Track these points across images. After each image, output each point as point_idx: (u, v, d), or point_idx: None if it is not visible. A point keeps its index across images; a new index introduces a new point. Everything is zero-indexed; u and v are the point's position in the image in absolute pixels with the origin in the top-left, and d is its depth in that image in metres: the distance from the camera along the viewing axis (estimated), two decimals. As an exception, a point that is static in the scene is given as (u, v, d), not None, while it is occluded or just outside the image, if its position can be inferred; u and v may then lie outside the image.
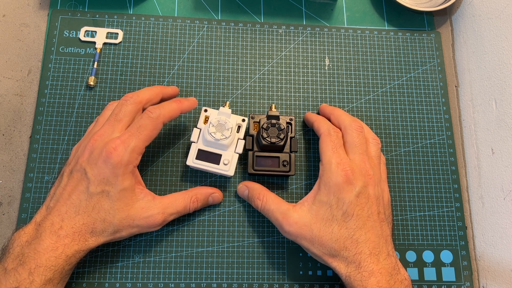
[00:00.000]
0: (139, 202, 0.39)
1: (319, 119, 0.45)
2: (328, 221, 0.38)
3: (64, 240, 0.35)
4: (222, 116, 0.43)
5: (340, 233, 0.37)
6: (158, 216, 0.39)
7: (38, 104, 0.47)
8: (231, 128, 0.42)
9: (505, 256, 0.44)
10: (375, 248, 0.37)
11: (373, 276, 0.36)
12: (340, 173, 0.38)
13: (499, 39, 0.47)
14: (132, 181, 0.38)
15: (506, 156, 0.45)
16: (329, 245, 0.37)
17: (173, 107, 0.41)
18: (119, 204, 0.37)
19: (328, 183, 0.38)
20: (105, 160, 0.36)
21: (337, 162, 0.39)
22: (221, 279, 0.43)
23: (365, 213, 0.38)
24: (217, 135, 0.42)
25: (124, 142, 0.37)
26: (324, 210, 0.38)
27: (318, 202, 0.39)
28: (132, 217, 0.38)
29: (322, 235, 0.38)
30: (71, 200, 0.37)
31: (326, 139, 0.41)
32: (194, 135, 0.43)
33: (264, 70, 0.51)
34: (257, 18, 0.53)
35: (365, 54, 0.52)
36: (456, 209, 0.48)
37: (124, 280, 0.42)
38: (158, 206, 0.40)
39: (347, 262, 0.37)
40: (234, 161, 0.43)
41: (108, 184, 0.37)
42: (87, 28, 0.50)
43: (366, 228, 0.37)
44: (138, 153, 0.38)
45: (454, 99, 0.53)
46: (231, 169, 0.43)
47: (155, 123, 0.39)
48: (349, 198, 0.38)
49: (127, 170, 0.37)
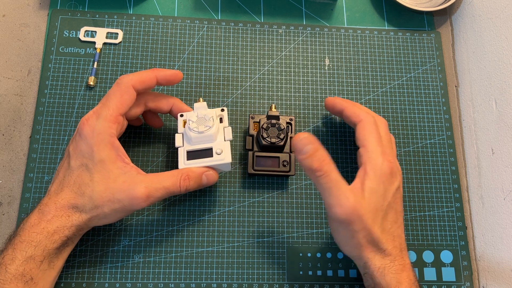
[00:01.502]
0: (122, 176, 0.37)
1: (352, 105, 0.43)
2: (377, 211, 0.37)
3: (46, 216, 0.36)
4: (199, 110, 0.41)
5: (383, 224, 0.37)
6: (141, 189, 0.36)
7: (38, 104, 0.47)
8: (212, 118, 0.40)
9: (505, 256, 0.44)
10: (403, 244, 0.38)
11: (405, 271, 0.37)
12: (386, 163, 0.38)
13: (499, 39, 0.47)
14: (110, 153, 0.37)
15: (506, 156, 0.45)
16: (375, 235, 0.36)
17: (145, 73, 0.40)
18: (97, 176, 0.36)
19: (377, 170, 0.38)
20: (80, 133, 0.37)
21: (383, 152, 0.39)
22: (221, 279, 0.43)
23: (399, 208, 0.39)
24: (200, 128, 0.40)
25: (95, 113, 0.38)
26: (376, 199, 0.37)
27: (369, 189, 0.37)
28: (112, 190, 0.36)
29: (373, 224, 0.36)
30: (58, 178, 0.38)
31: (370, 127, 0.40)
32: (178, 141, 0.41)
33: (264, 70, 0.51)
34: (257, 18, 0.53)
35: (365, 54, 0.52)
36: (456, 209, 0.48)
37: (124, 280, 0.42)
38: (142, 180, 0.37)
39: (384, 254, 0.37)
40: (227, 148, 0.40)
41: (85, 157, 0.37)
42: (87, 28, 0.50)
43: (398, 223, 0.38)
44: (111, 121, 0.37)
45: (454, 99, 0.53)
46: (226, 156, 0.40)
47: (123, 87, 0.38)
48: (392, 191, 0.38)
49: (102, 140, 0.37)
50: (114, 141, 0.37)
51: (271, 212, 0.46)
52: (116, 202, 0.36)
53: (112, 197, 0.36)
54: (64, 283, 0.42)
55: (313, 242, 0.45)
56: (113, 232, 0.44)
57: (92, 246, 0.43)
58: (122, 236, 0.44)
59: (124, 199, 0.36)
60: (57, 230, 0.35)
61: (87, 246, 0.43)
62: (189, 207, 0.45)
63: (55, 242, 0.35)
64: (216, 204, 0.46)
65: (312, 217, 0.46)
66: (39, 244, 0.35)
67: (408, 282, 0.36)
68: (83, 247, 0.43)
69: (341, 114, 0.44)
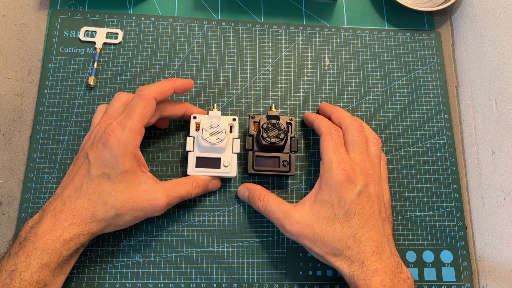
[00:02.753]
0: (142, 184, 0.39)
1: (319, 118, 0.45)
2: (330, 220, 0.38)
3: (63, 223, 0.35)
4: (213, 119, 0.43)
5: (342, 232, 0.37)
6: (162, 199, 0.39)
7: (38, 104, 0.47)
8: (224, 130, 0.42)
9: (505, 256, 0.44)
10: (377, 247, 0.37)
11: (377, 275, 0.35)
12: (341, 172, 0.38)
13: (499, 39, 0.47)
14: (133, 163, 0.38)
15: (506, 156, 0.45)
16: (332, 244, 0.37)
17: (163, 83, 0.41)
18: (120, 186, 0.37)
19: (329, 182, 0.38)
20: (104, 142, 0.37)
21: (338, 161, 0.39)
22: (221, 279, 0.43)
23: (367, 211, 0.38)
24: (212, 139, 0.42)
25: (120, 124, 0.38)
26: (326, 209, 0.38)
27: (320, 201, 0.39)
28: (135, 199, 0.38)
29: (325, 235, 0.37)
30: (73, 184, 0.38)
31: (327, 138, 0.41)
32: (189, 144, 0.43)
33: (264, 70, 0.51)
34: (257, 18, 0.53)
35: (365, 54, 0.52)
36: (456, 209, 0.48)
37: (124, 280, 0.42)
38: (162, 189, 0.39)
39: (350, 261, 0.37)
40: (234, 161, 0.43)
41: (108, 167, 0.37)
42: (87, 28, 0.50)
43: (368, 227, 0.37)
44: (135, 133, 0.38)
45: (454, 99, 0.53)
46: (232, 170, 0.43)
47: (146, 99, 0.39)
48: (350, 197, 0.38)
49: (127, 152, 0.37)
50: (137, 152, 0.39)
51: (271, 212, 0.46)
52: (138, 210, 0.38)
53: (136, 206, 0.38)
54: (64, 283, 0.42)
55: (313, 242, 0.45)
56: (113, 232, 0.44)
57: (92, 246, 0.43)
58: (122, 236, 0.44)
59: (146, 207, 0.38)
60: (73, 238, 0.36)
61: (87, 246, 0.43)
62: (189, 207, 0.45)
63: (70, 249, 0.36)
64: (216, 204, 0.46)
65: (312, 217, 0.46)
66: (55, 252, 0.35)
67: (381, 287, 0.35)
68: (83, 247, 0.43)
69: (313, 127, 0.45)
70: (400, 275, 0.37)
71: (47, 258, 0.34)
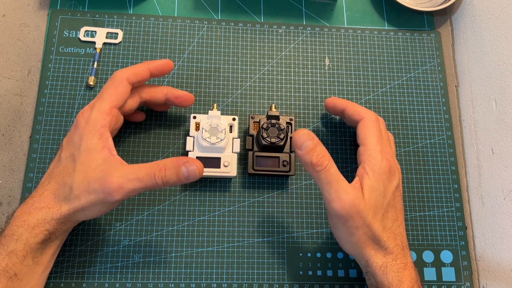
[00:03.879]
0: (102, 165, 0.35)
1: (353, 104, 0.43)
2: (377, 208, 0.37)
3: (29, 208, 0.35)
4: (213, 119, 0.43)
5: (383, 222, 0.37)
6: (114, 179, 0.34)
7: (38, 104, 0.47)
8: (224, 130, 0.42)
9: (505, 256, 0.44)
10: (404, 242, 0.38)
11: (407, 269, 0.37)
12: (385, 162, 0.38)
13: (499, 39, 0.47)
14: (98, 142, 0.36)
15: (506, 156, 0.45)
16: (377, 232, 0.36)
17: (138, 65, 0.40)
18: (80, 165, 0.36)
19: (377, 169, 0.38)
20: (74, 125, 0.38)
21: (382, 150, 0.39)
22: (221, 279, 0.43)
23: (399, 206, 0.39)
24: (212, 139, 0.42)
25: (89, 105, 0.39)
26: (375, 196, 0.37)
27: (369, 187, 0.37)
28: (89, 179, 0.35)
29: (374, 222, 0.36)
30: (48, 170, 0.38)
31: (370, 125, 0.40)
32: (189, 144, 0.43)
33: (264, 70, 0.51)
34: (257, 18, 0.53)
35: (365, 54, 0.52)
36: (456, 209, 0.48)
37: (124, 280, 0.42)
38: (119, 170, 0.35)
39: (386, 252, 0.37)
40: (234, 161, 0.43)
41: (75, 147, 0.37)
42: (87, 28, 0.50)
43: (399, 221, 0.38)
44: (104, 113, 0.37)
45: (454, 99, 0.53)
46: (232, 170, 0.43)
47: (117, 80, 0.39)
48: (392, 189, 0.38)
49: (92, 130, 0.37)
50: (105, 131, 0.37)
51: (271, 212, 0.46)
52: (91, 193, 0.35)
53: (88, 186, 0.35)
54: (64, 283, 0.42)
55: (313, 242, 0.45)
56: (113, 232, 0.44)
57: (92, 246, 0.43)
58: (122, 236, 0.44)
59: (97, 189, 0.34)
60: (38, 224, 0.34)
61: (87, 246, 0.43)
62: (189, 207, 0.45)
63: (37, 236, 0.34)
64: (216, 204, 0.46)
65: (312, 217, 0.46)
66: (20, 238, 0.34)
67: (410, 280, 0.36)
68: (83, 247, 0.43)
69: (342, 113, 0.44)
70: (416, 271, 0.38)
71: (13, 245, 0.34)
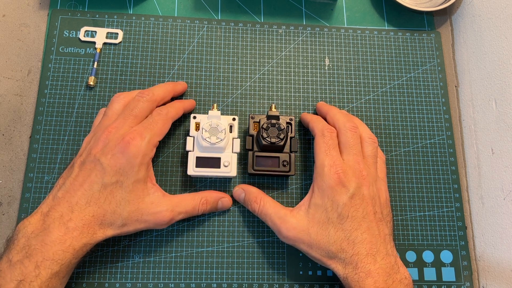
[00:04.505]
0: (149, 196, 0.39)
1: (314, 119, 0.45)
2: (325, 224, 0.38)
3: (72, 233, 0.35)
4: (213, 119, 0.43)
5: (336, 235, 0.37)
6: (167, 214, 0.39)
7: (38, 104, 0.47)
8: (224, 130, 0.42)
9: (505, 256, 0.44)
10: (371, 249, 0.37)
11: (370, 277, 0.36)
12: (333, 175, 0.38)
13: (499, 39, 0.47)
14: (146, 174, 0.39)
15: (506, 156, 0.45)
16: (327, 248, 0.37)
17: (177, 105, 0.44)
18: (130, 196, 0.37)
19: (322, 186, 0.39)
20: (123, 150, 0.37)
21: (330, 164, 0.39)
22: (221, 279, 0.43)
23: (360, 214, 0.38)
24: (212, 139, 0.42)
25: (140, 134, 0.38)
26: (320, 213, 0.38)
27: (314, 205, 0.39)
28: (141, 211, 0.38)
29: (320, 239, 0.38)
30: (83, 190, 0.36)
31: (319, 140, 0.41)
32: (189, 144, 0.43)
33: (264, 70, 0.51)
34: (257, 18, 0.53)
35: (365, 54, 0.52)
36: (456, 209, 0.48)
37: (124, 280, 0.42)
38: (168, 203, 0.39)
39: (344, 263, 0.37)
40: (234, 161, 0.43)
41: (123, 175, 0.37)
42: (87, 28, 0.50)
43: (362, 229, 0.37)
44: (153, 145, 0.39)
45: (454, 99, 0.53)
46: (232, 170, 0.43)
47: (165, 118, 0.41)
48: (343, 200, 0.38)
49: (144, 161, 0.38)
50: (150, 163, 0.40)
51: (271, 212, 0.46)
52: (142, 222, 0.38)
53: (140, 217, 0.38)
54: (64, 283, 0.42)
55: (313, 242, 0.45)
56: (113, 232, 0.44)
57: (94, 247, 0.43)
58: (122, 236, 0.44)
59: (150, 221, 0.38)
60: (82, 247, 0.36)
61: (87, 246, 0.43)
62: (189, 207, 0.45)
63: (78, 257, 0.36)
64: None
65: (312, 217, 0.46)
66: (65, 262, 0.34)
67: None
68: (83, 247, 0.43)
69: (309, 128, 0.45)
70: (396, 276, 0.37)
71: (57, 268, 0.34)
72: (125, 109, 0.41)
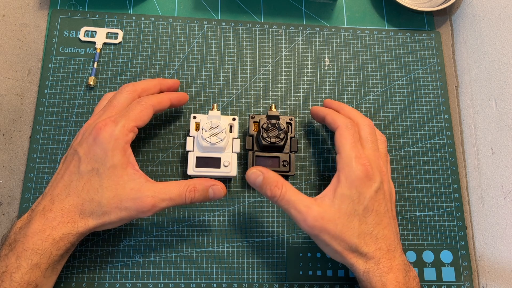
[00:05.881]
0: (130, 182, 0.37)
1: (332, 112, 0.44)
2: (351, 216, 0.37)
3: (52, 223, 0.35)
4: (213, 119, 0.43)
5: (360, 228, 0.37)
6: (147, 199, 0.36)
7: (38, 104, 0.47)
8: (224, 130, 0.42)
9: (505, 256, 0.44)
10: (391, 245, 0.37)
11: (392, 272, 0.36)
12: (360, 167, 0.38)
13: (499, 39, 0.47)
14: (123, 159, 0.37)
15: (506, 156, 0.45)
16: (351, 241, 0.37)
17: (162, 96, 0.42)
18: (108, 182, 0.36)
19: (350, 177, 0.38)
20: (95, 137, 0.37)
21: (357, 156, 0.38)
22: (221, 279, 0.43)
23: (383, 209, 0.38)
24: (212, 139, 0.42)
25: (113, 120, 0.38)
26: (347, 204, 0.37)
27: (340, 195, 0.38)
28: (120, 197, 0.36)
29: (345, 231, 0.37)
30: (63, 181, 0.37)
31: (345, 132, 0.40)
32: (189, 144, 0.43)
33: (264, 70, 0.51)
34: (257, 18, 0.53)
35: (365, 54, 0.52)
36: (456, 209, 0.48)
37: (124, 280, 0.42)
38: (150, 189, 0.37)
39: (366, 258, 0.37)
40: (234, 161, 0.43)
41: (98, 161, 0.37)
42: (87, 28, 0.50)
43: (383, 224, 0.38)
44: (128, 130, 0.38)
45: (454, 99, 0.53)
46: (232, 170, 0.43)
47: (144, 105, 0.39)
48: (369, 193, 0.38)
49: (117, 146, 0.37)
50: (128, 148, 0.38)
51: (271, 212, 0.46)
52: (123, 210, 0.36)
53: (120, 204, 0.36)
54: (64, 283, 0.42)
55: (313, 242, 0.45)
56: (113, 232, 0.44)
57: (92, 246, 0.43)
58: (122, 236, 0.44)
59: (131, 207, 0.36)
60: (63, 237, 0.35)
61: (87, 246, 0.43)
62: (189, 207, 0.45)
63: (60, 249, 0.35)
64: (216, 204, 0.46)
65: (312, 217, 0.46)
66: (45, 252, 0.34)
67: (395, 284, 0.35)
68: (83, 247, 0.43)
69: (323, 121, 0.44)
70: (410, 273, 0.37)
71: (37, 258, 0.34)
72: (106, 103, 0.41)
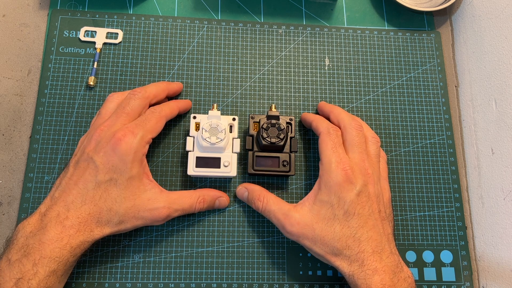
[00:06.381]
0: (146, 192, 0.39)
1: (317, 118, 0.45)
2: (330, 220, 0.38)
3: (69, 231, 0.35)
4: (213, 119, 0.43)
5: (342, 232, 0.37)
6: (163, 210, 0.39)
7: (38, 104, 0.47)
8: (224, 130, 0.42)
9: (505, 256, 0.44)
10: (377, 246, 0.37)
11: (377, 274, 0.36)
12: (340, 172, 0.38)
13: (499, 39, 0.47)
14: (140, 170, 0.39)
15: (506, 156, 0.45)
16: (332, 244, 0.37)
17: (172, 105, 0.44)
18: (126, 192, 0.38)
19: (329, 183, 0.39)
20: (113, 147, 0.37)
21: (337, 161, 0.39)
22: (221, 279, 0.43)
23: (366, 211, 0.38)
24: (212, 139, 0.42)
25: (132, 131, 0.38)
26: (326, 210, 0.38)
27: (319, 201, 0.39)
28: (138, 207, 0.38)
29: (325, 235, 0.38)
30: (78, 189, 0.37)
31: (325, 138, 0.41)
32: (189, 144, 0.43)
33: (264, 70, 0.51)
34: (257, 18, 0.53)
35: (365, 54, 0.52)
36: (456, 209, 0.48)
37: (124, 280, 0.42)
38: (165, 200, 0.40)
39: (350, 260, 0.37)
40: (234, 161, 0.43)
41: (117, 172, 0.37)
42: (87, 28, 0.50)
43: (367, 227, 0.38)
44: (146, 142, 0.39)
45: (454, 99, 0.53)
46: (232, 170, 0.43)
47: (158, 116, 0.41)
48: (350, 197, 0.38)
49: (136, 158, 0.38)
50: (144, 159, 0.40)
51: (271, 212, 0.46)
52: (139, 219, 0.39)
53: (137, 214, 0.38)
54: (64, 283, 0.42)
55: (313, 242, 0.45)
56: (113, 232, 0.44)
57: (92, 246, 0.43)
58: (122, 236, 0.44)
59: (147, 217, 0.39)
60: (79, 245, 0.36)
61: (87, 246, 0.43)
62: (189, 207, 0.45)
63: (76, 255, 0.36)
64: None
65: (312, 217, 0.46)
66: (62, 260, 0.35)
67: (380, 286, 0.35)
68: (83, 247, 0.43)
69: (311, 127, 0.45)
70: (400, 274, 0.37)
71: (55, 266, 0.34)
72: (118, 107, 0.41)
